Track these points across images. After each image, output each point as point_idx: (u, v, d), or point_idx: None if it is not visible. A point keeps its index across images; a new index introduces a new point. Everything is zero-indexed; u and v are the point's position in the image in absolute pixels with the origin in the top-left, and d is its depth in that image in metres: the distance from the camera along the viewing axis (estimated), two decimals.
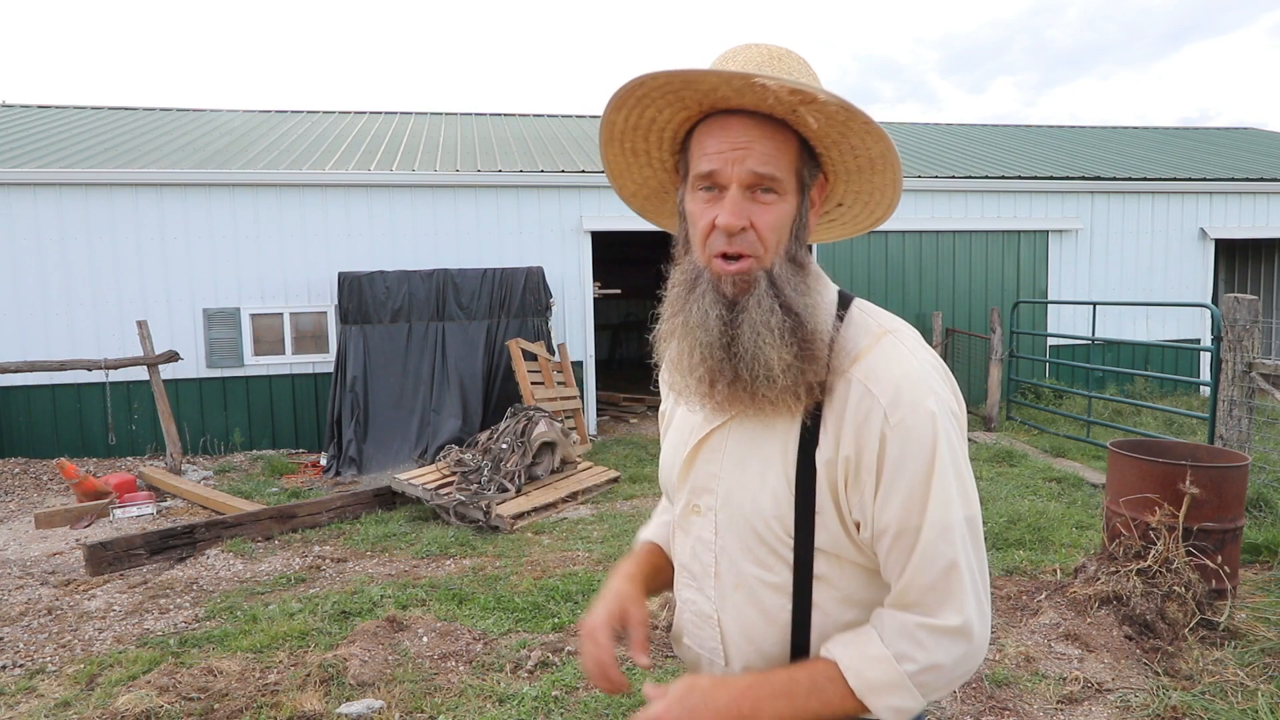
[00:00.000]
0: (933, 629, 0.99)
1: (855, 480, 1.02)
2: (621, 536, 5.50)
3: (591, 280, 9.77)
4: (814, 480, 1.03)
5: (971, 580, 1.00)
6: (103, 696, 3.39)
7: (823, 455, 1.03)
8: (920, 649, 0.99)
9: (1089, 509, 5.89)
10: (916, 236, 10.55)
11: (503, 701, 3.28)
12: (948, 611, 0.98)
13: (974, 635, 0.99)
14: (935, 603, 0.99)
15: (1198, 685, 3.25)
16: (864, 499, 1.02)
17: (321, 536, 5.80)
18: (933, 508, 0.98)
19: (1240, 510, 3.90)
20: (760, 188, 1.02)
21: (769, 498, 1.06)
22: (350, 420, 8.17)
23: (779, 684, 1.03)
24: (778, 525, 1.06)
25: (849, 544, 1.05)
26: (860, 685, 1.00)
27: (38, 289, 8.44)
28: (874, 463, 1.00)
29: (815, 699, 1.01)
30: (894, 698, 0.99)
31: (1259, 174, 11.59)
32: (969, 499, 1.01)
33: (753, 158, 1.01)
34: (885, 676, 0.99)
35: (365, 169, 9.21)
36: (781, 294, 1.04)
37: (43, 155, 9.18)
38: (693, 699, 1.04)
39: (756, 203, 1.03)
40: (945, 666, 0.99)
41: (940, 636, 0.99)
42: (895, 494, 0.99)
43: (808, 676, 1.03)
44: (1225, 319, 5.51)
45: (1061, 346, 10.99)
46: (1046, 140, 14.47)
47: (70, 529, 6.30)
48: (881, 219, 1.18)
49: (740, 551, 1.10)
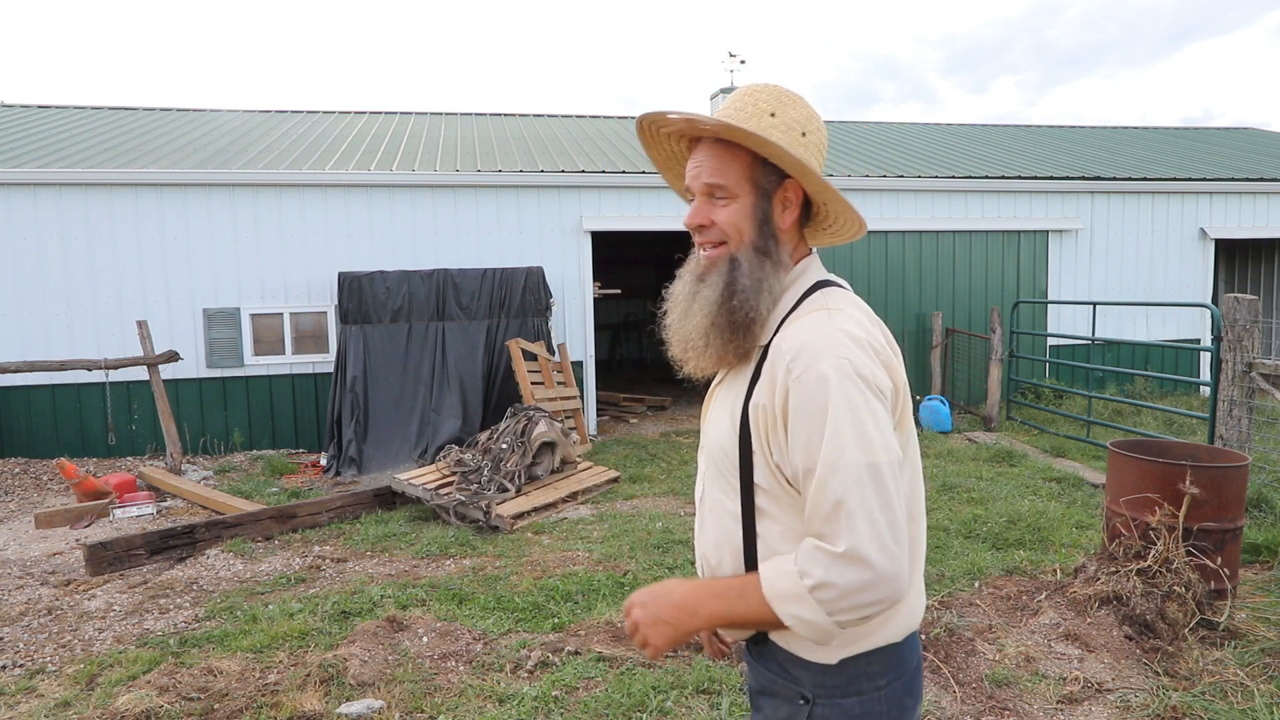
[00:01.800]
0: (826, 553, 1.15)
1: (773, 427, 1.23)
2: (621, 536, 5.50)
3: (591, 280, 9.77)
4: (749, 421, 1.26)
5: (867, 517, 1.13)
6: (103, 696, 3.40)
7: (755, 400, 1.25)
8: (817, 567, 1.15)
9: (1089, 509, 5.89)
10: (916, 236, 10.55)
11: (503, 701, 3.28)
12: (838, 539, 1.14)
13: (871, 564, 1.12)
14: (830, 532, 1.15)
15: (1198, 685, 3.25)
16: (779, 443, 1.23)
17: (321, 536, 5.80)
18: (825, 450, 1.15)
19: (1240, 510, 3.90)
20: (714, 195, 1.31)
21: (724, 434, 1.31)
22: (350, 420, 8.17)
23: (718, 588, 1.27)
24: (726, 458, 1.31)
25: (778, 483, 1.25)
26: (770, 593, 1.20)
27: (38, 289, 8.44)
28: (780, 412, 1.21)
29: (740, 602, 1.23)
30: (795, 606, 1.17)
31: (1259, 174, 11.59)
32: (868, 448, 1.15)
33: (705, 172, 1.31)
34: (789, 587, 1.17)
35: (365, 169, 9.22)
36: (734, 276, 1.28)
37: (43, 155, 9.19)
38: (657, 590, 1.30)
39: (714, 205, 1.32)
40: (838, 586, 1.14)
41: (833, 560, 1.14)
42: (797, 437, 1.19)
43: (739, 583, 1.25)
44: (1225, 319, 5.51)
45: (1061, 346, 10.99)
46: (1046, 140, 14.47)
47: (70, 529, 6.30)
48: (857, 229, 1.39)
49: (712, 480, 1.36)
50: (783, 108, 1.30)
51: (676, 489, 6.90)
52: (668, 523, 5.80)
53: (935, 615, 3.89)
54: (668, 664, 3.55)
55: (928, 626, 3.76)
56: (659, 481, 7.19)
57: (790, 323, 1.26)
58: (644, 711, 3.18)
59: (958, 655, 3.55)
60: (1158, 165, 12.03)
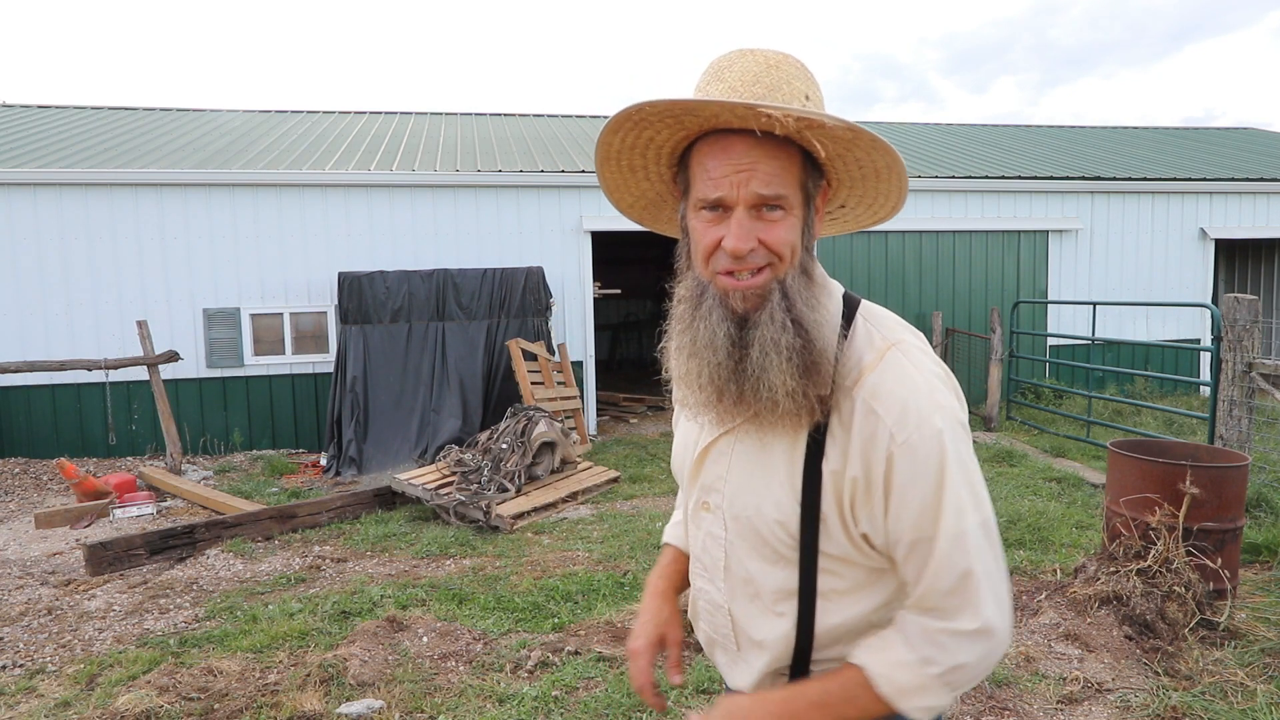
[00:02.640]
0: (954, 633, 1.02)
1: (865, 498, 1.04)
2: (621, 536, 5.50)
3: (591, 280, 9.76)
4: (819, 490, 1.06)
5: (989, 582, 1.02)
6: (103, 696, 3.39)
7: (829, 466, 1.05)
8: (944, 652, 1.02)
9: (1089, 509, 5.89)
10: (916, 236, 10.55)
11: (503, 701, 3.28)
12: (966, 616, 1.01)
13: (994, 633, 1.02)
14: (954, 608, 1.02)
15: (1198, 685, 3.25)
16: (874, 515, 1.04)
17: (321, 536, 5.80)
18: (945, 520, 1.00)
19: (1240, 510, 3.90)
20: (765, 206, 1.01)
21: (772, 505, 1.09)
22: (350, 420, 8.17)
23: (814, 694, 1.08)
24: (781, 531, 1.09)
25: (853, 550, 1.08)
26: (891, 691, 1.04)
27: (38, 289, 8.44)
28: (882, 482, 1.02)
29: (849, 706, 1.06)
30: (924, 698, 1.04)
31: (1259, 174, 11.59)
32: (980, 504, 1.03)
33: (757, 179, 1.00)
34: (913, 680, 1.03)
35: (365, 169, 9.21)
36: (794, 308, 1.03)
37: (43, 155, 9.18)
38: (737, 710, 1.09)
39: (763, 220, 1.02)
40: (969, 665, 1.03)
41: (961, 639, 1.02)
42: (906, 510, 1.01)
43: (839, 685, 1.07)
44: (1225, 319, 5.51)
45: (1061, 346, 10.99)
46: (1047, 140, 14.47)
47: (70, 529, 6.30)
48: (885, 218, 1.20)
49: (747, 551, 1.14)
50: (812, 88, 1.07)
51: (676, 489, 6.90)
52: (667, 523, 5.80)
53: None
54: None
55: None
56: (659, 481, 7.19)
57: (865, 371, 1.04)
58: (644, 711, 3.17)
59: None
60: (1158, 165, 12.03)
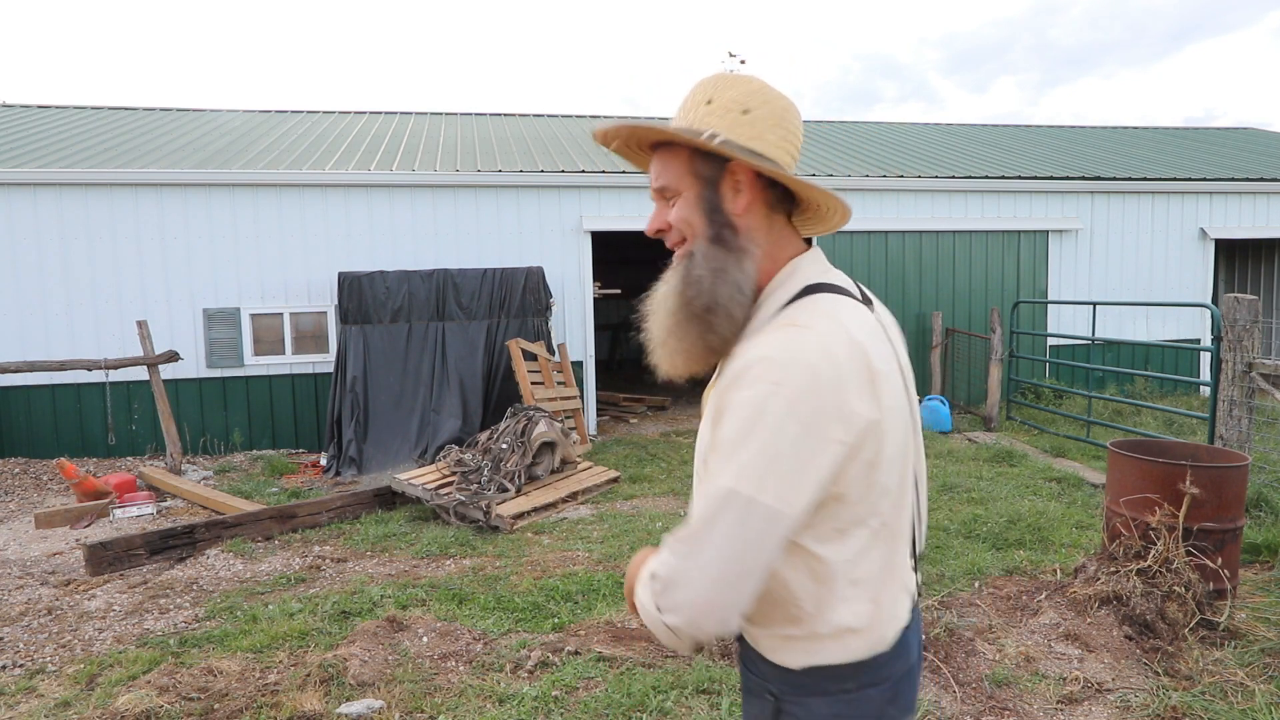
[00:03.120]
0: (652, 570, 1.13)
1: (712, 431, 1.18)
2: (621, 537, 5.50)
3: (591, 280, 9.77)
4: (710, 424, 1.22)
5: (695, 543, 1.08)
6: (103, 696, 3.40)
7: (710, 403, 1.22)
8: (659, 564, 1.12)
9: (1089, 509, 5.89)
10: (916, 236, 10.55)
11: (503, 701, 3.28)
12: (665, 552, 1.12)
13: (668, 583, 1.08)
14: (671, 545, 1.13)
15: (1198, 685, 3.25)
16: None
17: (321, 536, 5.80)
18: (723, 472, 1.09)
19: (1240, 510, 3.90)
20: (665, 195, 1.30)
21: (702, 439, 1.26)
22: (350, 420, 8.17)
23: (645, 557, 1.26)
24: (700, 460, 1.25)
25: None
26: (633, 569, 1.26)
27: (38, 289, 8.44)
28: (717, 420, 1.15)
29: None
30: (640, 589, 1.17)
31: (1259, 174, 11.59)
32: (760, 483, 1.06)
33: (652, 177, 1.32)
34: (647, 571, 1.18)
35: (365, 169, 9.22)
36: (689, 266, 1.25)
37: (43, 155, 9.19)
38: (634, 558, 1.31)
39: (669, 205, 1.30)
40: (643, 603, 1.14)
41: (654, 580, 1.12)
42: (718, 450, 1.13)
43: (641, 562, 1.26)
44: (1225, 319, 5.51)
45: (1061, 346, 10.99)
46: (1047, 140, 14.47)
47: (70, 529, 6.30)
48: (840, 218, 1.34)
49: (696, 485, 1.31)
50: (719, 91, 1.25)
51: (676, 489, 6.90)
52: (668, 523, 5.80)
53: (935, 615, 3.89)
54: (668, 664, 3.55)
55: (928, 626, 3.76)
56: (659, 481, 7.20)
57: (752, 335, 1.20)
58: (644, 711, 3.17)
59: (958, 655, 3.55)
60: (1158, 165, 12.03)
